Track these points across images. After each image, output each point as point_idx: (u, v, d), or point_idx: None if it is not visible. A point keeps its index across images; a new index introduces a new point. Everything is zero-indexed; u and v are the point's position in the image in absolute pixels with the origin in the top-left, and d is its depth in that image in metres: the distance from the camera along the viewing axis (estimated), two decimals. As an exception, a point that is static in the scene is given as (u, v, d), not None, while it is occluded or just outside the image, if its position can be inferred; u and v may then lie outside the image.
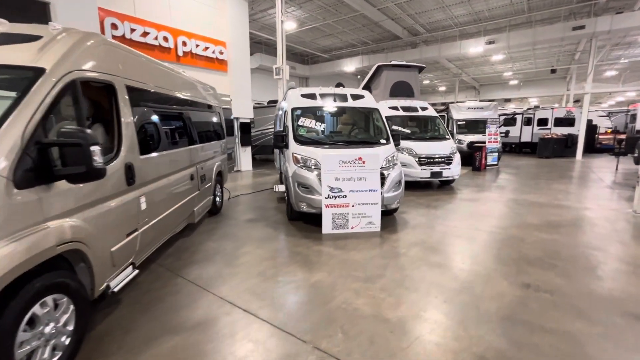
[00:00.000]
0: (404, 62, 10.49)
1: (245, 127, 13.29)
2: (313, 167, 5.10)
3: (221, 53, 12.23)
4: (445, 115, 16.11)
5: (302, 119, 5.89)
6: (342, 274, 3.58)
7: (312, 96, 6.25)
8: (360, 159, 5.04)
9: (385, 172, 5.25)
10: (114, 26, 9.13)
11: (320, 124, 5.90)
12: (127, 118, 3.01)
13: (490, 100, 38.23)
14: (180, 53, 10.89)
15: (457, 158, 8.56)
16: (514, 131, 20.65)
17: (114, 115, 2.93)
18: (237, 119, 12.93)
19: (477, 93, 38.87)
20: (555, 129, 18.67)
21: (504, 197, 7.56)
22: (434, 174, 8.27)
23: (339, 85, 13.86)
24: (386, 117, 9.16)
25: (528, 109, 21.62)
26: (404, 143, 8.48)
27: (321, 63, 25.27)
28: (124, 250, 2.89)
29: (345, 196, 4.97)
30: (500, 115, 21.54)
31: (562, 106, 23.03)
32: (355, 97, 6.39)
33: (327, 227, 5.00)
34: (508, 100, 38.64)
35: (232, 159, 8.42)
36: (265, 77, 23.10)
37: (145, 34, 9.85)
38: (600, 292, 3.17)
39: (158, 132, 3.72)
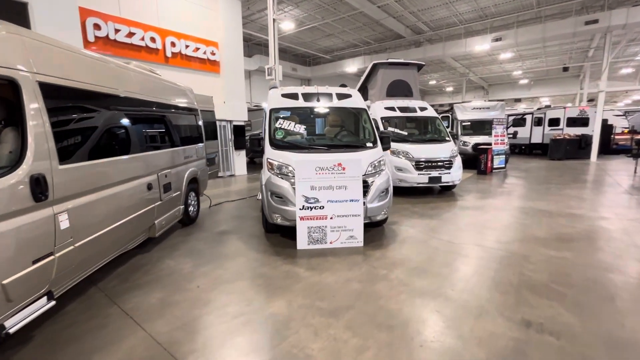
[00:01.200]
0: (401, 60, 9.89)
1: (240, 130, 12.85)
2: (289, 174, 4.55)
3: (213, 54, 11.83)
4: (450, 116, 15.41)
5: (280, 120, 5.36)
6: (305, 303, 3.02)
7: (293, 96, 5.71)
8: (339, 165, 4.47)
9: (369, 180, 4.67)
10: (97, 26, 8.79)
11: (300, 126, 5.35)
12: (36, 121, 2.51)
13: (499, 101, 37.32)
14: (168, 54, 10.51)
15: (457, 162, 7.90)
16: (524, 132, 19.74)
17: (20, 118, 2.44)
18: (231, 121, 12.51)
19: (486, 93, 37.85)
20: (568, 129, 17.73)
21: (509, 205, 6.87)
22: (432, 179, 7.63)
23: (342, 86, 13.35)
24: (382, 118, 8.63)
25: (538, 109, 20.69)
26: (400, 146, 7.89)
27: (323, 64, 24.78)
28: (28, 281, 2.38)
29: (323, 207, 4.41)
30: (508, 115, 20.72)
31: (575, 106, 22.00)
32: (342, 96, 5.83)
33: (302, 242, 4.44)
34: (518, 100, 37.44)
35: (215, 163, 7.91)
36: (263, 78, 22.70)
37: (130, 34, 9.49)
38: (620, 335, 2.53)
39: (93, 137, 3.22)
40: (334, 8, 15.56)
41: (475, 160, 11.89)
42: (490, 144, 12.15)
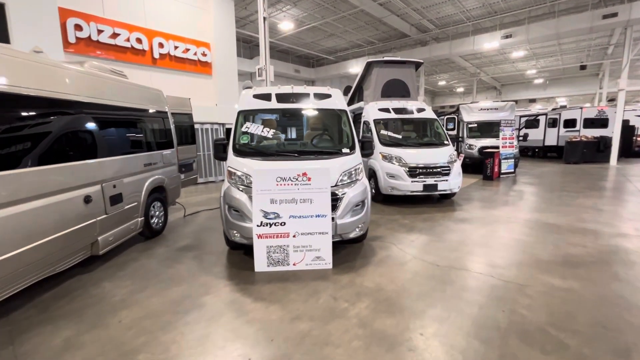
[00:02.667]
0: (398, 58, 9.22)
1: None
2: (250, 185, 3.98)
3: (204, 55, 11.44)
4: (456, 117, 14.59)
5: (247, 124, 4.81)
6: (234, 349, 2.43)
7: (266, 97, 5.16)
8: (304, 174, 3.88)
9: (340, 192, 4.06)
10: (78, 27, 8.49)
11: (269, 130, 4.79)
12: None
13: (509, 101, 36.00)
14: (156, 56, 10.16)
15: (456, 167, 7.18)
16: (537, 134, 18.65)
17: None
18: (223, 124, 12.09)
19: (499, 93, 36.57)
20: (585, 130, 16.63)
21: (513, 217, 6.12)
22: (427, 187, 6.93)
23: (348, 88, 12.73)
24: (374, 120, 8.00)
25: (553, 109, 19.55)
26: (392, 150, 7.24)
27: (327, 65, 24.23)
28: None
29: (284, 223, 3.82)
30: (521, 116, 19.68)
31: (594, 106, 20.72)
32: (320, 96, 5.24)
33: (260, 264, 3.86)
34: (533, 101, 36.00)
35: (193, 169, 7.44)
36: (269, 81, 22.33)
37: (114, 35, 9.16)
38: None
39: (6, 144, 2.74)
40: (333, 7, 15.01)
41: (482, 165, 11.08)
42: (498, 147, 11.32)
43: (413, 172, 6.96)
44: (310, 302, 3.14)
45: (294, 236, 3.84)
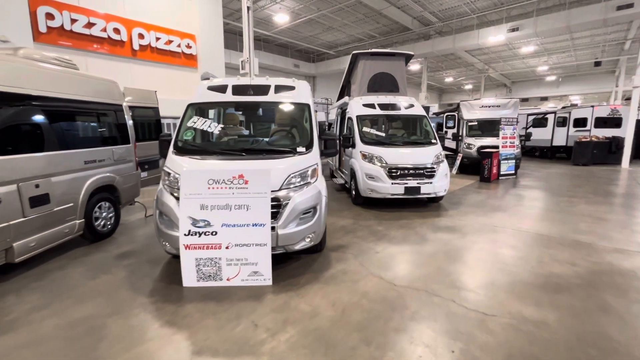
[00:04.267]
0: (386, 50, 8.60)
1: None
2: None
3: (189, 47, 11.01)
4: (456, 115, 13.86)
5: (195, 118, 4.33)
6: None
7: (221, 89, 4.67)
8: (241, 176, 3.38)
9: (284, 197, 3.53)
10: (50, 16, 8.13)
11: (217, 125, 4.30)
12: None
13: (517, 99, 34.71)
14: (136, 47, 9.76)
15: (442, 169, 6.57)
16: (545, 133, 17.69)
17: None
18: (209, 120, 11.67)
19: (509, 91, 35.37)
20: (597, 130, 15.63)
21: (500, 225, 5.50)
22: (408, 190, 6.35)
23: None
24: (357, 116, 7.42)
25: (563, 107, 18.51)
26: (373, 150, 6.67)
27: (327, 60, 23.64)
28: None
29: (216, 233, 3.33)
30: (528, 114, 18.75)
31: (605, 104, 19.59)
32: (282, 88, 4.73)
33: (189, 278, 3.38)
34: (545, 99, 34.59)
35: (159, 167, 7.01)
36: (264, 75, 21.82)
37: (90, 24, 8.79)
38: None
39: None
40: (329, -2, 14.44)
41: (480, 166, 10.38)
42: (497, 147, 10.60)
43: (393, 173, 6.38)
44: (225, 329, 2.64)
45: (227, 247, 3.34)
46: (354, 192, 7.14)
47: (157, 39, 10.19)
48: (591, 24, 13.79)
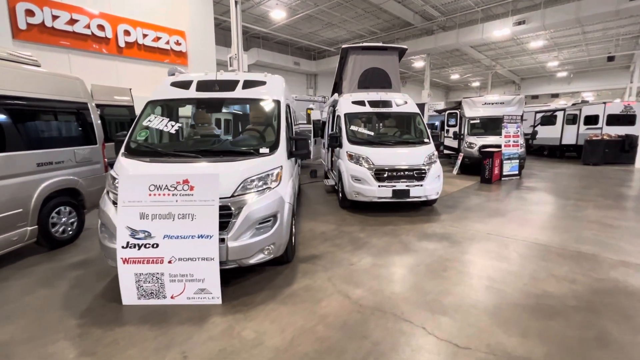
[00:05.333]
0: (378, 44, 8.12)
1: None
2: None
3: (178, 44, 10.70)
4: (458, 113, 13.28)
5: (152, 117, 3.96)
6: None
7: (185, 85, 4.30)
8: (186, 182, 2.99)
9: (235, 204, 3.13)
10: (30, 13, 7.90)
11: (173, 124, 3.92)
12: None
13: (534, 97, 33.61)
14: (121, 44, 9.49)
15: (434, 170, 6.08)
16: (554, 131, 16.92)
17: None
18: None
19: (518, 88, 34.34)
20: (609, 128, 14.85)
21: (495, 234, 5.01)
22: (396, 194, 5.89)
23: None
24: (346, 114, 6.98)
25: (573, 104, 17.70)
26: (359, 150, 6.22)
27: (328, 57, 23.16)
28: None
29: (157, 245, 2.95)
30: (536, 112, 18.00)
31: (617, 100, 18.69)
32: (252, 84, 4.34)
33: (128, 296, 3.01)
34: (556, 96, 33.46)
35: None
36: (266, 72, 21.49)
37: (72, 21, 8.54)
38: None
39: None
40: (326, -8, 13.99)
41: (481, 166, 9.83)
42: (500, 146, 10.03)
43: (380, 175, 5.93)
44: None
45: (169, 262, 2.96)
46: (340, 195, 6.71)
47: (145, 35, 9.91)
48: (603, 16, 13.04)
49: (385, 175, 5.93)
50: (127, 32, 9.53)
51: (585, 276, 3.53)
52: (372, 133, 6.87)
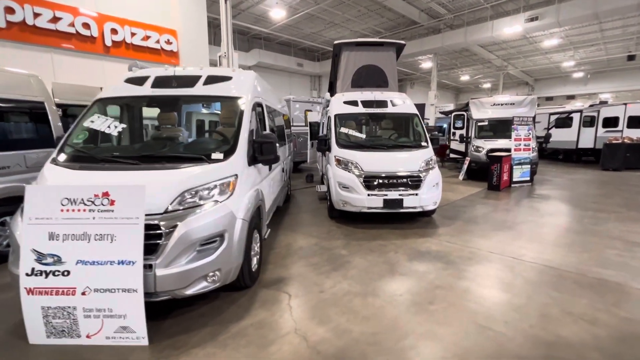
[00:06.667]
0: (374, 40, 7.51)
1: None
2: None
3: (169, 43, 10.28)
4: (465, 114, 12.52)
5: (95, 117, 3.45)
6: None
7: (139, 81, 3.80)
8: (105, 194, 2.44)
9: (167, 221, 2.56)
10: (10, 10, 7.56)
11: (120, 125, 3.40)
12: None
13: (548, 99, 32.31)
14: (108, 43, 9.10)
15: (432, 178, 5.40)
16: (570, 134, 15.92)
17: None
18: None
19: (531, 89, 33.17)
20: (630, 131, 13.81)
21: (498, 252, 4.31)
22: (388, 203, 5.24)
23: None
24: (337, 115, 6.38)
25: (591, 106, 16.65)
26: (348, 154, 5.61)
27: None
28: None
29: (68, 272, 2.40)
30: (550, 114, 17.03)
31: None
32: (214, 80, 3.80)
33: (35, 333, 2.46)
34: (572, 97, 32.08)
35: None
36: (266, 75, 21.09)
37: (55, 19, 8.18)
38: None
39: None
40: (326, -11, 13.47)
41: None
42: (509, 150, 9.26)
43: (370, 182, 5.29)
44: None
45: (83, 293, 2.40)
46: (329, 204, 6.10)
47: (133, 34, 9.52)
48: (623, 11, 12.11)
49: (375, 182, 5.29)
50: (114, 31, 9.16)
51: (609, 314, 2.82)
52: (363, 136, 6.24)
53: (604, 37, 19.29)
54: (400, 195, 5.25)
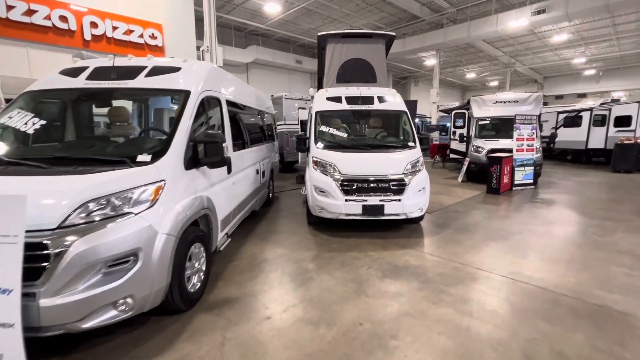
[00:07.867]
0: (361, 31, 6.98)
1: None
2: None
3: (154, 37, 9.85)
4: (466, 113, 11.91)
5: (14, 112, 3.01)
6: None
7: (75, 73, 3.37)
8: (-20, 207, 1.98)
9: (56, 240, 2.08)
10: (-20, 3, 7.23)
11: (36, 121, 2.95)
12: None
13: (558, 97, 31.24)
14: (88, 37, 8.72)
15: (417, 182, 4.86)
16: (579, 134, 15.15)
17: None
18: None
19: (540, 87, 32.11)
20: (643, 130, 13.04)
21: (486, 269, 3.77)
22: (368, 210, 4.72)
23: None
24: (318, 112, 5.88)
25: (602, 104, 15.82)
26: (327, 155, 5.10)
27: (333, 56, 22.05)
28: None
29: None
30: (558, 112, 16.26)
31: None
32: (161, 71, 3.34)
33: None
34: (583, 96, 30.94)
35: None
36: (263, 72, 20.66)
37: (30, 12, 7.83)
38: None
39: None
40: (321, -18, 12.92)
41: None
42: (511, 151, 8.65)
43: (349, 186, 4.78)
44: None
45: (-50, 328, 1.96)
46: (307, 209, 5.61)
47: (115, 28, 9.13)
48: (637, 1, 11.32)
49: (354, 187, 4.78)
50: (94, 24, 8.78)
51: (611, 357, 2.28)
52: (344, 135, 5.73)
53: (617, 32, 18.34)
54: (381, 201, 4.74)
